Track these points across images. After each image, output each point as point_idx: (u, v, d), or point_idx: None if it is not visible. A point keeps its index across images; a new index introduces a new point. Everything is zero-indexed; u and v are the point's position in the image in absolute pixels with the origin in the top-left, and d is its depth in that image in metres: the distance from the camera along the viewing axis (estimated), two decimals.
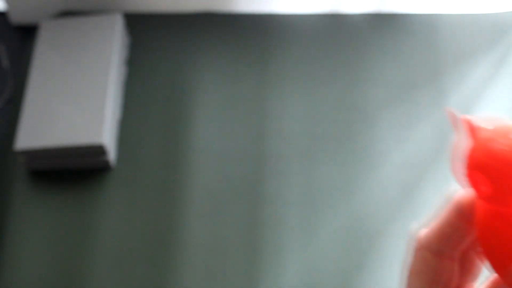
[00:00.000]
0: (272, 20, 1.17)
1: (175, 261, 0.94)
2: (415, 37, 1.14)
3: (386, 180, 0.99)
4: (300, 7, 1.19)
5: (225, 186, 1.00)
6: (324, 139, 1.04)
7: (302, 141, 1.04)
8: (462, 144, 0.29)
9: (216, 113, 1.07)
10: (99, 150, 0.99)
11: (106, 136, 0.99)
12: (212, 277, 0.92)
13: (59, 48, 1.08)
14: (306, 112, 1.07)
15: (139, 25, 1.17)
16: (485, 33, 1.15)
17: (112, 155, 1.01)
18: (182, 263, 0.93)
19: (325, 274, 0.92)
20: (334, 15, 1.18)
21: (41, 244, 0.95)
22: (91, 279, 0.92)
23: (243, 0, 1.19)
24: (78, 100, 1.02)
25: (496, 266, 0.30)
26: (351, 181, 1.00)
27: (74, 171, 1.02)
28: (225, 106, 1.07)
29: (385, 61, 1.12)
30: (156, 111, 1.07)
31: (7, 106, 1.15)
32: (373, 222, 0.96)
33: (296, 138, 1.04)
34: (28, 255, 0.94)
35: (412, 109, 1.07)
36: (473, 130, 0.29)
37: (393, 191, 0.99)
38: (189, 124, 1.05)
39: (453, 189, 0.32)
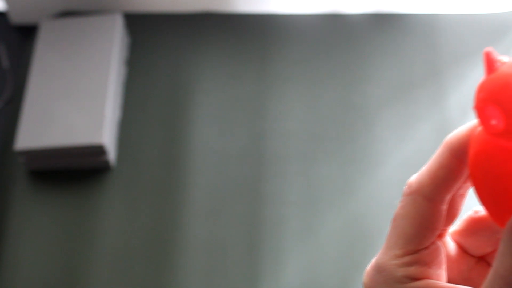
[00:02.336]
0: (272, 20, 1.17)
1: (175, 261, 0.94)
2: (415, 37, 1.14)
3: (386, 180, 0.99)
4: (300, 7, 1.19)
5: (225, 186, 1.00)
6: (324, 139, 1.04)
7: (302, 141, 1.04)
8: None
9: (216, 113, 1.07)
10: (99, 150, 0.99)
11: (106, 136, 0.99)
12: (212, 277, 0.92)
13: (59, 48, 1.08)
14: (306, 112, 1.07)
15: (139, 25, 1.17)
16: (485, 33, 1.15)
17: (112, 155, 1.01)
18: (182, 263, 0.93)
19: (325, 274, 0.92)
20: (334, 15, 1.17)
21: (41, 243, 0.95)
22: (91, 278, 0.92)
23: (243, 0, 1.19)
24: (78, 100, 1.02)
25: (495, 209, 0.28)
26: (351, 181, 1.00)
27: (74, 171, 1.02)
28: (225, 106, 1.07)
29: (385, 61, 1.12)
30: (156, 111, 1.07)
31: (7, 106, 1.15)
32: (373, 222, 0.96)
33: (296, 138, 1.04)
34: (28, 255, 0.94)
35: (412, 109, 1.07)
36: (491, 62, 0.27)
37: (393, 191, 0.98)
38: (189, 124, 1.05)
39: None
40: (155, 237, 0.96)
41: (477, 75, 1.10)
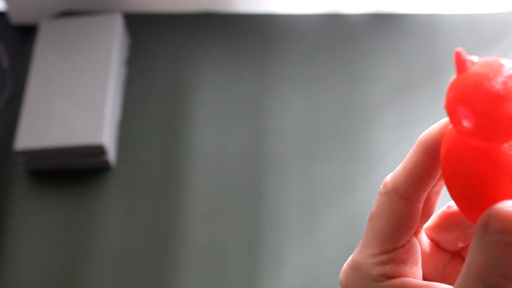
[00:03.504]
0: (272, 20, 1.17)
1: (175, 260, 0.94)
2: (415, 37, 1.14)
3: None
4: (300, 7, 1.19)
5: (225, 186, 1.00)
6: (324, 139, 1.04)
7: (302, 141, 1.04)
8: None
9: (216, 113, 1.07)
10: (99, 150, 0.99)
11: (106, 136, 0.99)
12: (212, 277, 0.92)
13: (59, 48, 1.08)
14: (306, 112, 1.07)
15: (139, 25, 1.17)
16: (485, 33, 1.15)
17: (112, 155, 1.01)
18: (182, 263, 0.93)
19: (325, 274, 0.92)
20: (334, 15, 1.18)
21: (41, 243, 0.95)
22: (91, 278, 0.92)
23: (243, 0, 1.19)
24: (78, 100, 1.02)
25: (466, 206, 0.28)
26: (351, 181, 1.00)
27: (74, 171, 1.02)
28: (225, 106, 1.07)
29: (385, 61, 1.12)
30: (156, 111, 1.07)
31: (7, 106, 1.15)
32: None
33: (296, 138, 1.04)
34: (28, 255, 0.94)
35: (412, 109, 1.07)
36: (462, 61, 0.27)
37: None
38: (189, 124, 1.05)
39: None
40: (155, 236, 0.96)
41: None
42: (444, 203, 0.34)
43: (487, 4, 1.19)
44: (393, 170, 0.33)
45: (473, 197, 0.28)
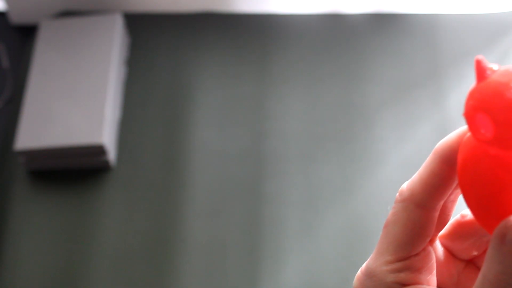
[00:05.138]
0: (272, 20, 1.17)
1: (175, 260, 0.94)
2: (415, 37, 1.14)
3: (386, 180, 0.99)
4: (300, 7, 1.19)
5: (225, 186, 1.00)
6: (324, 139, 1.04)
7: (302, 141, 1.04)
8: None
9: (216, 113, 1.07)
10: (99, 150, 0.99)
11: (106, 136, 0.99)
12: (212, 276, 0.92)
13: (59, 48, 1.08)
14: (306, 112, 1.07)
15: (139, 25, 1.17)
16: (485, 33, 1.15)
17: (112, 155, 1.01)
18: (182, 263, 0.93)
19: (325, 274, 0.92)
20: (334, 15, 1.18)
21: (41, 243, 0.95)
22: (91, 278, 0.92)
23: (243, 0, 1.19)
24: (78, 100, 1.02)
25: (482, 215, 0.28)
26: (351, 181, 1.00)
27: (74, 171, 1.02)
28: (225, 106, 1.07)
29: (385, 61, 1.12)
30: (156, 111, 1.07)
31: (7, 106, 1.15)
32: (373, 222, 0.96)
33: (296, 138, 1.04)
34: (28, 255, 0.94)
35: (412, 109, 1.07)
36: (482, 69, 0.27)
37: (393, 191, 0.98)
38: (189, 124, 1.05)
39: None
40: (155, 236, 0.96)
41: None
42: (460, 211, 0.34)
43: (487, 4, 1.19)
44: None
45: (490, 206, 0.27)
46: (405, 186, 0.32)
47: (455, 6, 1.19)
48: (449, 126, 1.04)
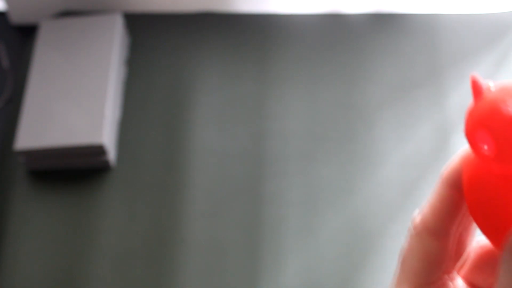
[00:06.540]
0: (272, 20, 1.17)
1: (175, 260, 0.94)
2: (415, 37, 1.14)
3: (386, 180, 0.99)
4: (300, 7, 1.19)
5: (225, 186, 1.00)
6: (324, 139, 1.04)
7: (302, 141, 1.04)
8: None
9: (216, 113, 1.07)
10: (99, 150, 0.99)
11: (106, 136, 0.99)
12: (212, 277, 0.92)
13: (59, 48, 1.08)
14: (306, 112, 1.07)
15: (139, 25, 1.17)
16: (485, 33, 1.15)
17: (112, 155, 1.01)
18: (182, 263, 0.93)
19: (325, 274, 0.92)
20: (334, 15, 1.18)
21: (41, 244, 0.95)
22: (91, 278, 0.92)
23: (243, 0, 1.19)
24: (78, 100, 1.02)
25: (491, 233, 0.28)
26: (351, 181, 1.00)
27: (74, 171, 1.02)
28: (225, 106, 1.07)
29: (385, 61, 1.12)
30: (156, 111, 1.07)
31: (7, 106, 1.15)
32: (373, 222, 0.96)
33: (296, 138, 1.04)
34: (28, 255, 0.94)
35: (412, 109, 1.07)
36: (478, 87, 0.28)
37: (393, 191, 0.99)
38: (189, 124, 1.05)
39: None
40: (155, 237, 0.96)
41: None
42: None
43: (487, 4, 1.19)
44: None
45: (498, 223, 0.28)
46: (417, 216, 0.32)
47: (455, 6, 1.19)
48: (449, 126, 1.04)
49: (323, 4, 1.18)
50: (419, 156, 1.02)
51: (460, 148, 1.02)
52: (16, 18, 1.23)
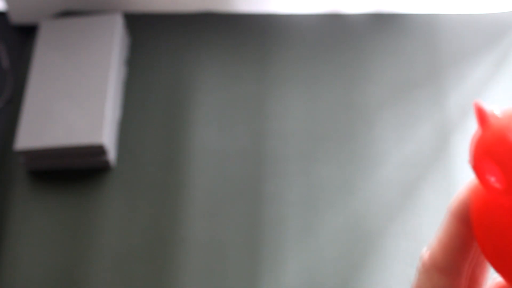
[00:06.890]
0: (272, 20, 1.17)
1: (175, 260, 0.94)
2: (415, 37, 1.14)
3: (386, 180, 0.99)
4: (300, 7, 1.19)
5: (225, 186, 1.00)
6: (324, 139, 1.04)
7: (302, 141, 1.04)
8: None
9: (216, 113, 1.07)
10: (99, 150, 0.99)
11: (106, 136, 0.99)
12: (212, 276, 0.92)
13: (59, 48, 1.08)
14: (306, 112, 1.07)
15: (139, 25, 1.17)
16: (485, 33, 1.15)
17: (112, 155, 1.01)
18: (182, 263, 0.93)
19: (325, 274, 0.92)
20: (334, 15, 1.18)
21: (41, 243, 0.95)
22: (91, 278, 0.92)
23: (243, 0, 1.19)
24: (78, 100, 1.02)
25: (505, 270, 0.27)
26: (351, 181, 1.00)
27: (74, 171, 1.02)
28: (225, 106, 1.07)
29: (385, 61, 1.12)
30: (156, 111, 1.07)
31: (7, 106, 1.15)
32: (373, 222, 0.96)
33: (296, 138, 1.04)
34: (28, 255, 0.94)
35: (412, 109, 1.07)
36: (484, 115, 0.26)
37: (393, 191, 0.99)
38: (189, 124, 1.05)
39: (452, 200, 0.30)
40: (155, 236, 0.96)
41: (477, 75, 1.10)
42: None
43: (487, 4, 1.19)
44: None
45: (508, 256, 0.27)
46: (426, 253, 0.31)
47: (455, 6, 1.19)
48: (449, 126, 1.04)
49: (323, 4, 1.18)
50: (419, 156, 1.02)
51: (460, 148, 1.02)
52: (16, 18, 1.23)
